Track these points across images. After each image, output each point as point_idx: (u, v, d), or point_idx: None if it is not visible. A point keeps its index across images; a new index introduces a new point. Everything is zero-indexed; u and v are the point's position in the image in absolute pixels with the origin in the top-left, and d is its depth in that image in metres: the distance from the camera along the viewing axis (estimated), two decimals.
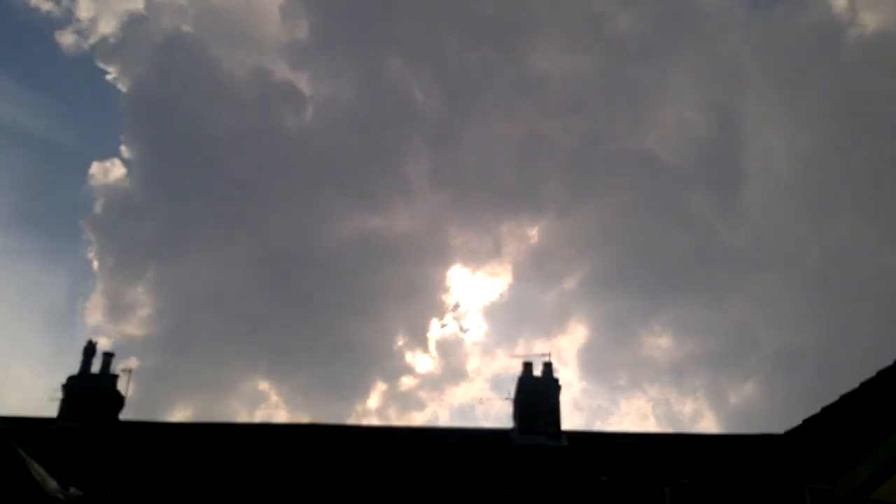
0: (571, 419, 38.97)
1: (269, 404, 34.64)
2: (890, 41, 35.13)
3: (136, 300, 35.18)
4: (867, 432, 7.26)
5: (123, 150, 38.94)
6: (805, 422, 8.68)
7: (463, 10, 38.07)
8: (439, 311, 38.33)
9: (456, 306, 39.20)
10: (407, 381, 36.09)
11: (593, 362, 36.83)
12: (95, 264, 36.38)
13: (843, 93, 33.07)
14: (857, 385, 7.97)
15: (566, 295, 36.60)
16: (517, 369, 16.35)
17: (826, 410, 8.38)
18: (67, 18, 42.95)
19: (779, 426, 12.52)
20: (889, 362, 7.50)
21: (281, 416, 34.14)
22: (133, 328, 34.61)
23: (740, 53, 35.65)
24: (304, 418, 34.52)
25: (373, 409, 35.50)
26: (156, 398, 30.51)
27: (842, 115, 32.86)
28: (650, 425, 36.51)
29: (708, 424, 35.61)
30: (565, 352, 35.44)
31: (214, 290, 33.90)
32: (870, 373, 7.73)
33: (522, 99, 37.81)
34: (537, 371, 16.24)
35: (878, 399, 7.53)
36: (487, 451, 14.86)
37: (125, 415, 16.32)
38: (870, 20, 37.43)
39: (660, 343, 35.52)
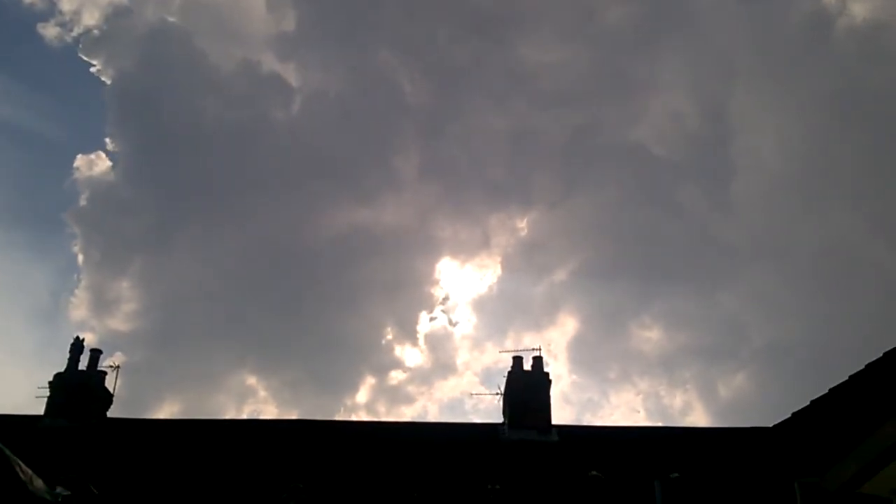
0: (561, 412, 38.96)
1: (258, 399, 34.62)
2: (879, 31, 35.38)
3: (121, 295, 35.08)
4: (856, 426, 7.31)
5: (108, 142, 38.79)
6: (794, 415, 8.75)
7: (453, 2, 38.09)
8: (428, 304, 38.34)
9: (445, 299, 39.26)
10: (396, 376, 36.13)
11: (583, 355, 36.95)
12: (80, 258, 36.25)
13: (834, 83, 33.22)
14: (846, 378, 8.03)
15: (556, 287, 36.68)
16: (507, 363, 16.41)
17: (815, 403, 8.45)
18: (50, 10, 42.69)
19: (769, 419, 12.58)
20: (879, 355, 7.56)
21: (269, 411, 34.12)
22: (118, 323, 34.48)
23: (731, 45, 35.74)
24: (292, 413, 34.61)
25: (362, 403, 35.55)
26: (143, 394, 30.39)
27: (832, 106, 33.03)
28: (640, 418, 36.68)
29: (698, 417, 35.84)
30: (555, 344, 35.50)
31: (201, 284, 33.79)
32: (861, 366, 7.78)
33: (513, 91, 37.81)
34: (527, 365, 16.29)
35: (867, 392, 7.58)
36: (477, 447, 14.88)
37: (112, 411, 16.28)
38: (859, 10, 37.58)
39: (650, 336, 35.66)
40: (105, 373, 16.28)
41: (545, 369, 16.23)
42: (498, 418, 16.19)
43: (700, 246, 35.00)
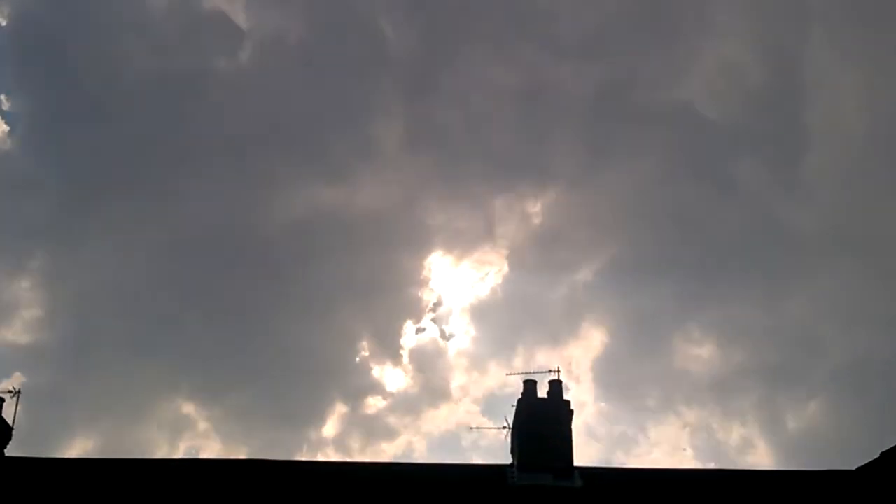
0: (585, 450, 39.09)
1: (196, 433, 34.80)
2: None
3: (19, 298, 35.10)
4: None
5: (3, 100, 38.75)
6: (883, 455, 8.87)
7: None
8: (415, 311, 38.63)
9: (436, 305, 39.47)
10: (373, 403, 36.38)
11: (613, 377, 37.15)
12: None
13: None
14: None
15: (579, 290, 36.99)
16: (516, 388, 16.51)
17: None
18: None
19: (851, 459, 12.67)
20: None
21: (212, 448, 34.27)
22: (15, 334, 34.61)
23: None
24: (241, 451, 34.69)
25: (330, 437, 35.68)
26: (48, 425, 30.48)
27: None
28: (687, 458, 36.89)
29: (760, 457, 35.99)
30: (578, 364, 35.69)
31: (121, 284, 33.94)
32: None
33: (523, 37, 37.92)
34: (542, 391, 16.39)
35: None
36: (478, 493, 14.96)
37: (11, 448, 16.30)
38: None
39: (699, 353, 35.85)
40: (2, 399, 16.32)
41: (565, 396, 16.35)
42: (505, 458, 16.32)
43: (763, 236, 35.20)
